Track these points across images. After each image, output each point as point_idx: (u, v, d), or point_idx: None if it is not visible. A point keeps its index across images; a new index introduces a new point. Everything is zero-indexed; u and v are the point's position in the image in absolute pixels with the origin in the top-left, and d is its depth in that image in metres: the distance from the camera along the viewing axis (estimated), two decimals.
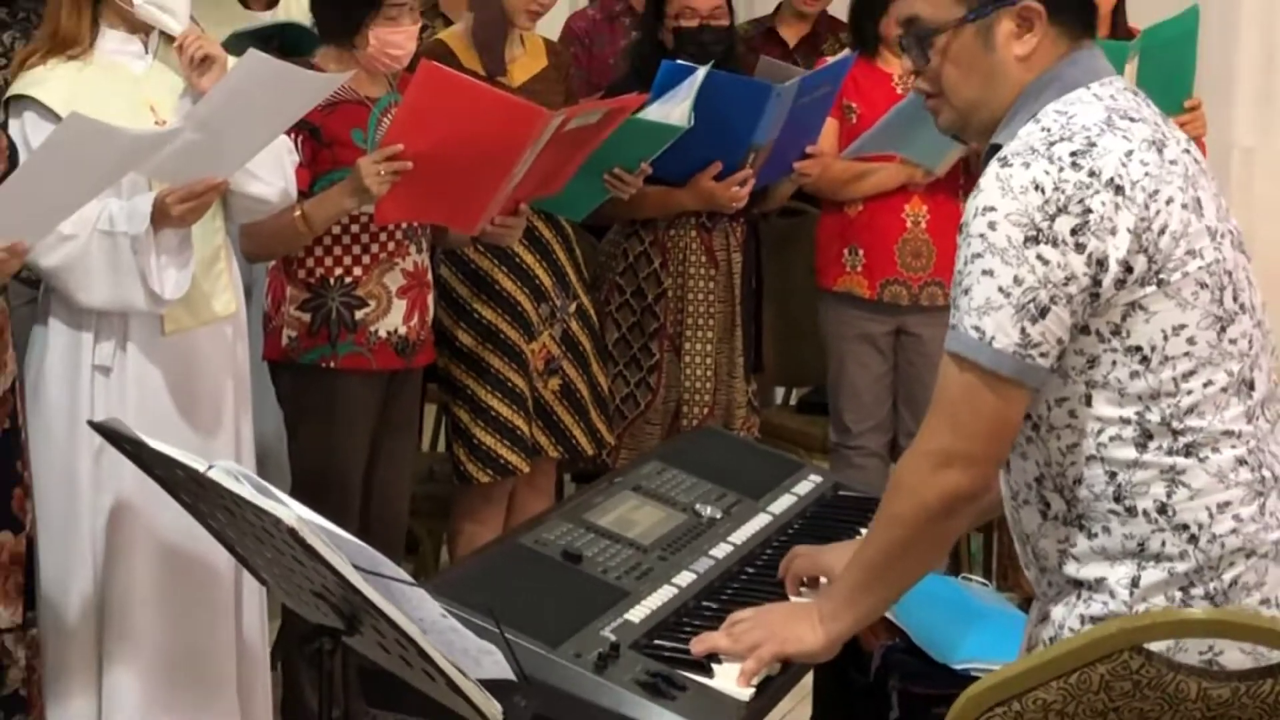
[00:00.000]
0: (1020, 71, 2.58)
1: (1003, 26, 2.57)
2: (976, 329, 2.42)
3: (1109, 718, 2.35)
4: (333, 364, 4.23)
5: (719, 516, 3.23)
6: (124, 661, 3.75)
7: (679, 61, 4.73)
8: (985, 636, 2.92)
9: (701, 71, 4.61)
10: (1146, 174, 2.44)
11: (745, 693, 2.60)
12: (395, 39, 4.18)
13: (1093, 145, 2.45)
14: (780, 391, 6.21)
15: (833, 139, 5.14)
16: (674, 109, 4.60)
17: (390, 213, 4.10)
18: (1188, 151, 2.56)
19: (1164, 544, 2.48)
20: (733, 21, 5.15)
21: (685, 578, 2.95)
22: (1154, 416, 2.47)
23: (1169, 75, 4.92)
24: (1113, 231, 2.40)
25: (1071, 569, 2.55)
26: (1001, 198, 2.43)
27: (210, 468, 2.57)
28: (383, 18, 4.15)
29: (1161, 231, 2.43)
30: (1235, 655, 2.40)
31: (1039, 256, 2.40)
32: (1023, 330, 2.41)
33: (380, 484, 4.39)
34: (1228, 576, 2.47)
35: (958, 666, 2.89)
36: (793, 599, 2.90)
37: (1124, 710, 2.35)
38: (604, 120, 4.24)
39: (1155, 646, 2.37)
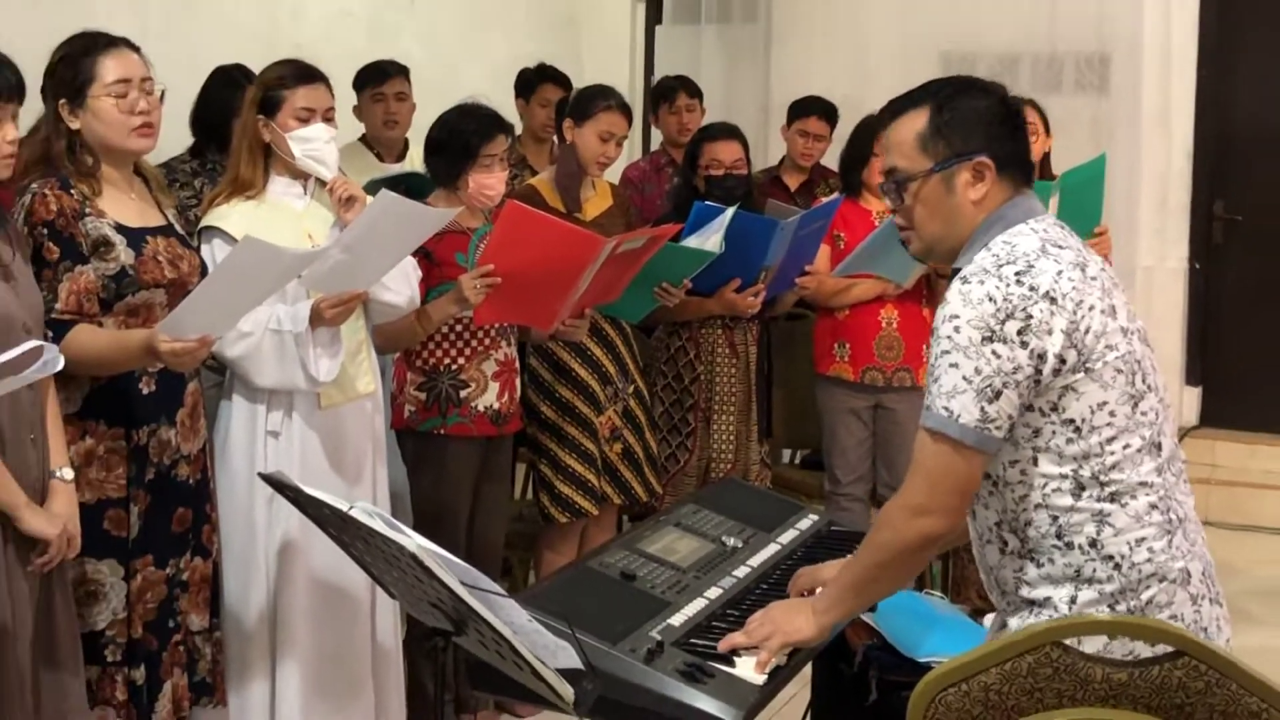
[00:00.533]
0: (974, 212, 2.61)
1: (961, 177, 2.60)
2: (946, 409, 2.45)
3: (1034, 695, 2.36)
4: (443, 431, 4.24)
5: (740, 545, 3.23)
6: (290, 660, 3.75)
7: (708, 202, 4.77)
8: (942, 637, 2.92)
9: (730, 211, 4.64)
10: (1073, 288, 2.47)
11: (760, 678, 2.62)
12: (488, 183, 4.22)
13: (1032, 266, 2.48)
14: (786, 452, 6.18)
15: (826, 261, 5.14)
16: (709, 239, 4.64)
17: (485, 316, 4.12)
18: (1104, 270, 2.60)
19: (1095, 571, 2.50)
20: (750, 170, 5.19)
21: (714, 592, 2.96)
22: (1086, 472, 2.50)
23: (1083, 208, 4.94)
24: (1049, 332, 2.44)
25: (1025, 591, 2.57)
26: (963, 307, 2.47)
27: (351, 508, 2.59)
28: (478, 166, 4.19)
29: (1086, 331, 2.46)
30: (1146, 653, 2.41)
31: (993, 352, 2.44)
32: (982, 409, 2.44)
33: (481, 522, 4.39)
34: (1145, 596, 2.49)
35: (922, 659, 2.88)
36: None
37: (1045, 690, 2.36)
38: (647, 244, 4.27)
39: (1088, 647, 2.40)
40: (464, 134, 4.23)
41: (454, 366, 4.24)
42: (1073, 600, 2.51)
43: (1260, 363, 7.38)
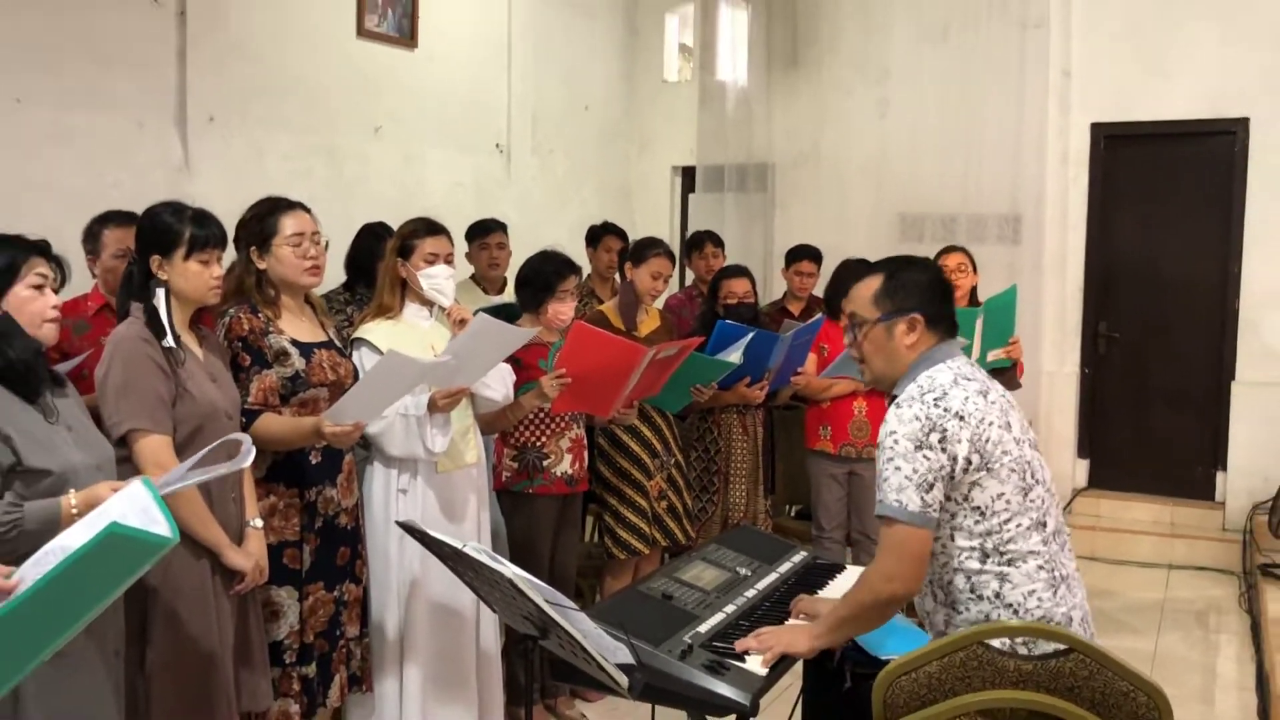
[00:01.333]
0: (908, 353, 2.68)
1: (899, 326, 2.68)
2: (897, 500, 2.52)
3: (965, 680, 2.38)
4: (530, 490, 4.24)
5: (750, 574, 3.25)
6: (414, 660, 3.75)
7: (728, 321, 4.80)
8: (899, 641, 2.91)
9: (751, 334, 4.68)
10: (976, 408, 2.54)
11: (763, 671, 2.64)
12: (562, 309, 4.24)
13: (946, 394, 2.56)
14: (785, 507, 6.17)
15: (813, 365, 5.15)
16: (732, 353, 4.66)
17: (559, 407, 4.13)
18: (1003, 395, 2.66)
19: (999, 615, 2.54)
20: (756, 300, 5.19)
21: (730, 608, 2.98)
22: (989, 545, 2.55)
23: (1000, 324, 4.98)
24: (959, 442, 2.51)
25: (950, 631, 2.60)
26: (899, 425, 2.54)
27: (464, 546, 2.63)
28: (555, 297, 4.22)
29: (986, 440, 2.53)
30: (1044, 646, 2.44)
31: (924, 456, 2.50)
32: (921, 498, 2.50)
33: (559, 558, 4.37)
34: None
35: (884, 657, 2.89)
36: (791, 622, 2.93)
37: (973, 677, 2.38)
38: (679, 353, 4.28)
39: (995, 644, 2.43)
40: (544, 273, 4.25)
41: (538, 443, 4.25)
42: None
43: (1131, 441, 7.39)
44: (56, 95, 4.75)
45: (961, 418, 2.51)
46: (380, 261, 4.00)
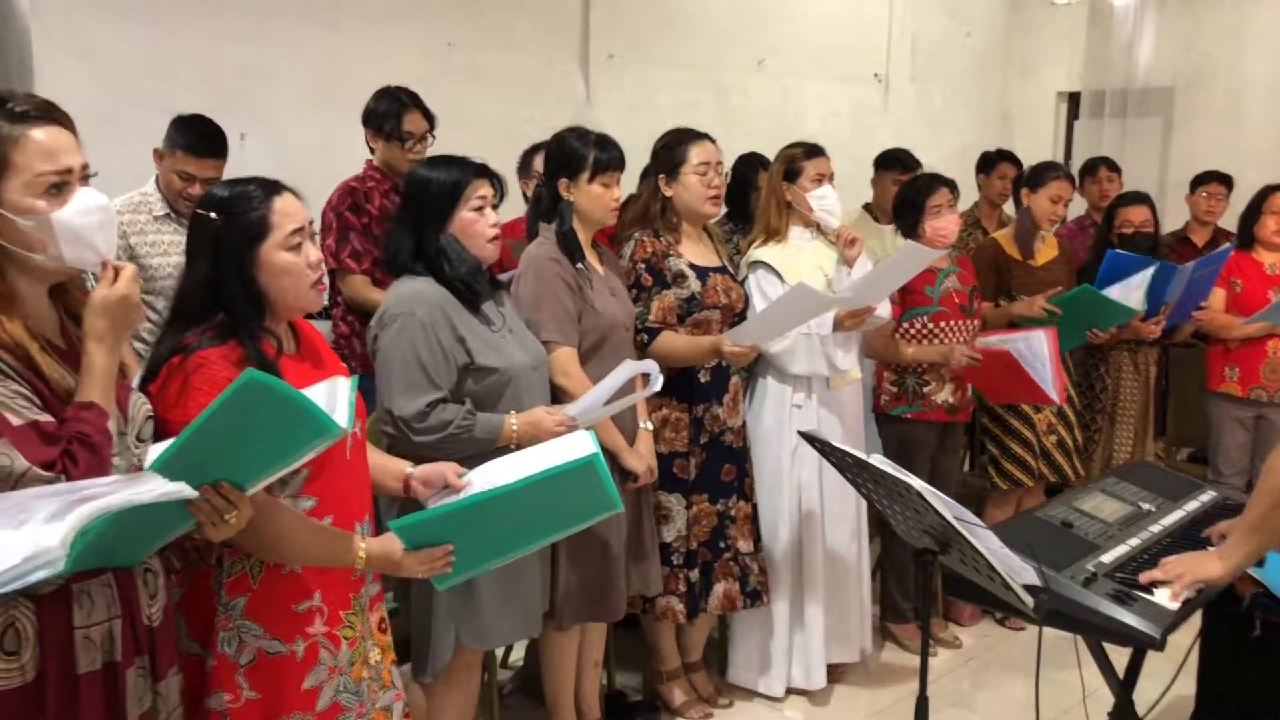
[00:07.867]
0: None
1: None
2: None
3: None
4: (909, 415, 4.22)
5: (1153, 509, 3.13)
6: (810, 581, 3.84)
7: (1120, 251, 4.59)
8: None
9: (1152, 269, 4.45)
10: None
11: (1174, 606, 2.52)
12: (941, 224, 4.12)
13: None
14: (1176, 449, 5.85)
15: (1220, 300, 4.88)
16: (1132, 293, 4.45)
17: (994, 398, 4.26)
18: None
19: None
20: (1156, 229, 4.90)
21: (1134, 541, 2.88)
22: None
23: None
24: None
25: None
26: None
27: (870, 456, 2.63)
28: (928, 215, 4.12)
29: None
30: None
31: None
32: None
33: (936, 484, 4.17)
34: None
35: None
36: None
37: None
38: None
39: None
40: (913, 193, 4.20)
41: (919, 369, 4.21)
42: None
43: None
44: (478, 38, 5.23)
45: None
46: (752, 192, 4.06)
